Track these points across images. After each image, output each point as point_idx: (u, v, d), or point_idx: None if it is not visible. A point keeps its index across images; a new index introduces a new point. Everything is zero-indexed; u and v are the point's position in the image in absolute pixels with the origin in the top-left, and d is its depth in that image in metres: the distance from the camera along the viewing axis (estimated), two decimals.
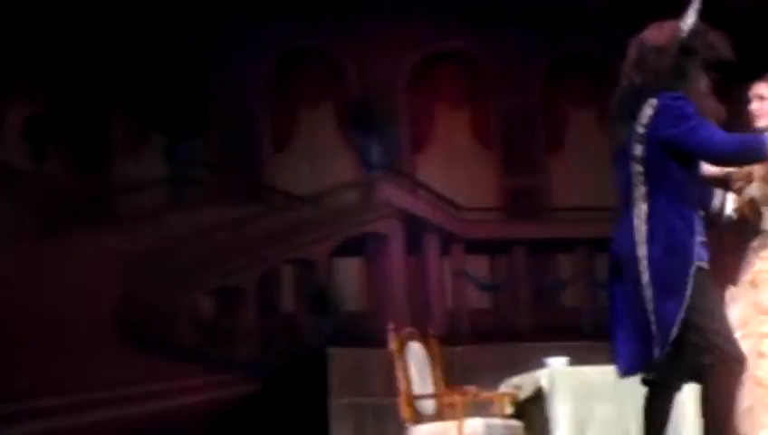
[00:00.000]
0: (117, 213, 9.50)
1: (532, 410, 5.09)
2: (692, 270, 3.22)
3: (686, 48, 3.30)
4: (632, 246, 3.27)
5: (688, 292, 3.22)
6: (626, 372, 3.32)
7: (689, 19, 3.31)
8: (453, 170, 10.02)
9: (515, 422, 5.11)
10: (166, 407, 8.99)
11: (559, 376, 5.06)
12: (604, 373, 4.25)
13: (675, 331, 3.21)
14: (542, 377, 5.05)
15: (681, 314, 3.21)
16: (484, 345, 8.12)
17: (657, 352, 3.23)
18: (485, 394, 5.18)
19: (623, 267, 3.31)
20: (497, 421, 5.06)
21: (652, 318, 3.23)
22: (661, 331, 3.22)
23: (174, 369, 9.16)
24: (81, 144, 9.51)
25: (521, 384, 5.15)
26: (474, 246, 9.99)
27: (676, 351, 3.25)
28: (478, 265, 10.09)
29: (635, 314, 3.26)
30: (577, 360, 5.21)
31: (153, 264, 9.32)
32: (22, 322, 8.83)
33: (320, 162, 9.85)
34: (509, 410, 5.14)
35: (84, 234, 9.31)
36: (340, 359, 7.31)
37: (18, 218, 9.27)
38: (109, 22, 9.27)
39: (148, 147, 9.56)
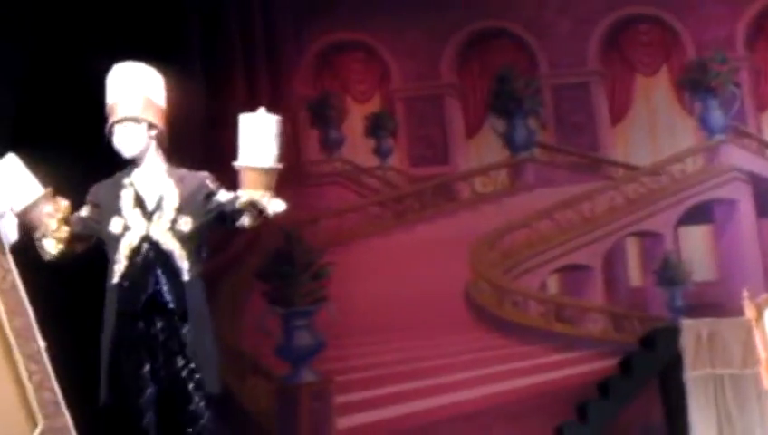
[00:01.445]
0: (459, 199, 9.65)
1: None
2: None
3: None
4: None
5: None
6: None
7: None
8: None
9: None
10: (518, 386, 9.07)
11: None
12: None
13: None
14: None
15: None
16: None
17: None
18: None
19: None
20: None
21: None
22: None
23: (524, 349, 9.23)
24: (419, 135, 9.72)
25: None
26: None
27: None
28: None
29: None
30: None
31: (498, 246, 9.42)
32: (378, 309, 9.15)
33: (658, 130, 9.66)
34: None
35: (430, 221, 9.54)
36: (693, 330, 7.17)
37: (368, 211, 9.62)
38: None
39: (486, 131, 9.69)
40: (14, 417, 4.59)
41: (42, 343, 4.68)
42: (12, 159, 4.85)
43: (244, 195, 4.80)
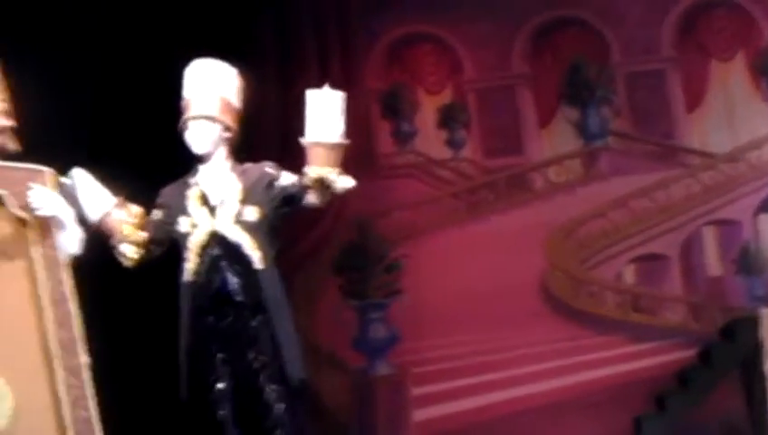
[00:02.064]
0: (533, 189, 9.60)
1: None
2: None
3: None
4: None
5: None
6: None
7: None
8: None
9: None
10: (595, 377, 9.02)
11: None
12: None
13: None
14: None
15: None
16: None
17: None
18: None
19: None
20: None
21: None
22: None
23: (600, 339, 9.17)
24: (491, 126, 9.69)
25: None
26: None
27: None
28: None
29: None
30: None
31: (573, 236, 9.36)
32: (453, 301, 9.15)
33: (735, 117, 9.53)
34: None
35: (504, 212, 9.51)
36: None
37: (442, 203, 9.61)
38: None
39: (559, 121, 9.63)
40: (48, 429, 4.59)
41: (84, 359, 4.67)
42: (79, 172, 4.90)
43: (312, 171, 4.82)
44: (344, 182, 4.81)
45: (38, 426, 4.57)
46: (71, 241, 4.79)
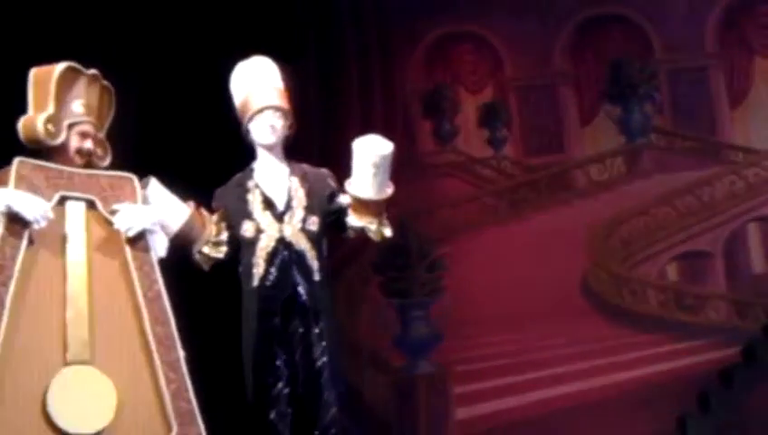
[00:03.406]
0: (575, 187, 9.58)
1: None
2: None
3: None
4: None
5: None
6: None
7: None
8: None
9: None
10: (638, 376, 8.97)
11: None
12: None
13: None
14: None
15: None
16: None
17: None
18: None
19: None
20: None
21: None
22: None
23: (643, 338, 9.13)
24: (533, 125, 9.67)
25: None
26: None
27: None
28: None
29: None
30: None
31: (615, 234, 9.32)
32: (495, 300, 9.14)
33: None
34: None
35: (546, 210, 9.49)
36: None
37: (483, 202, 9.60)
38: None
39: (601, 119, 9.59)
40: (152, 422, 4.72)
41: (181, 353, 4.82)
42: (155, 183, 4.98)
43: (353, 220, 4.93)
44: (385, 233, 4.92)
45: (142, 420, 4.71)
46: (159, 244, 4.94)
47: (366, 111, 9.14)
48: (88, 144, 4.97)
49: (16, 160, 4.78)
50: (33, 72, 4.96)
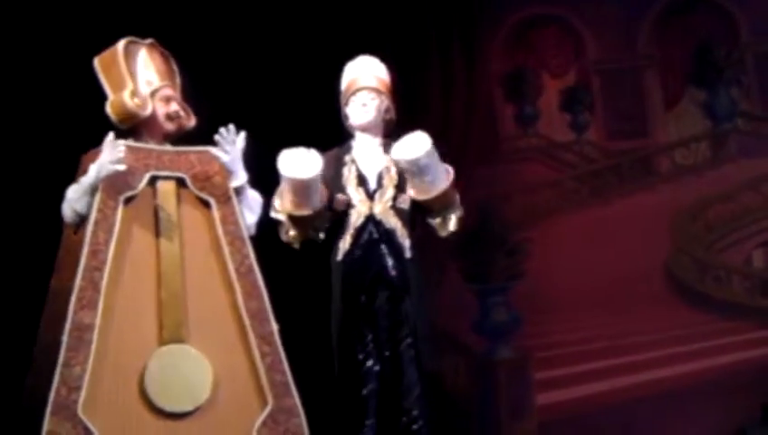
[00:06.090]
0: (659, 172, 9.47)
1: None
2: None
3: None
4: None
5: None
6: None
7: None
8: None
9: None
10: (720, 364, 8.88)
11: None
12: None
13: None
14: None
15: None
16: None
17: None
18: None
19: None
20: None
21: None
22: None
23: (727, 325, 9.02)
24: (616, 108, 9.59)
25: None
26: None
27: None
28: None
29: None
30: None
31: (700, 219, 9.22)
32: (576, 285, 9.09)
33: None
34: None
35: (628, 195, 9.40)
36: None
37: (565, 186, 9.54)
38: None
39: (686, 103, 9.48)
40: (247, 396, 4.79)
41: (275, 326, 4.87)
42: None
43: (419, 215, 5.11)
44: (449, 227, 5.10)
45: (238, 394, 4.80)
46: (251, 222, 5.04)
47: (447, 95, 9.10)
48: (174, 106, 5.07)
49: (108, 138, 4.84)
50: (97, 60, 5.05)
